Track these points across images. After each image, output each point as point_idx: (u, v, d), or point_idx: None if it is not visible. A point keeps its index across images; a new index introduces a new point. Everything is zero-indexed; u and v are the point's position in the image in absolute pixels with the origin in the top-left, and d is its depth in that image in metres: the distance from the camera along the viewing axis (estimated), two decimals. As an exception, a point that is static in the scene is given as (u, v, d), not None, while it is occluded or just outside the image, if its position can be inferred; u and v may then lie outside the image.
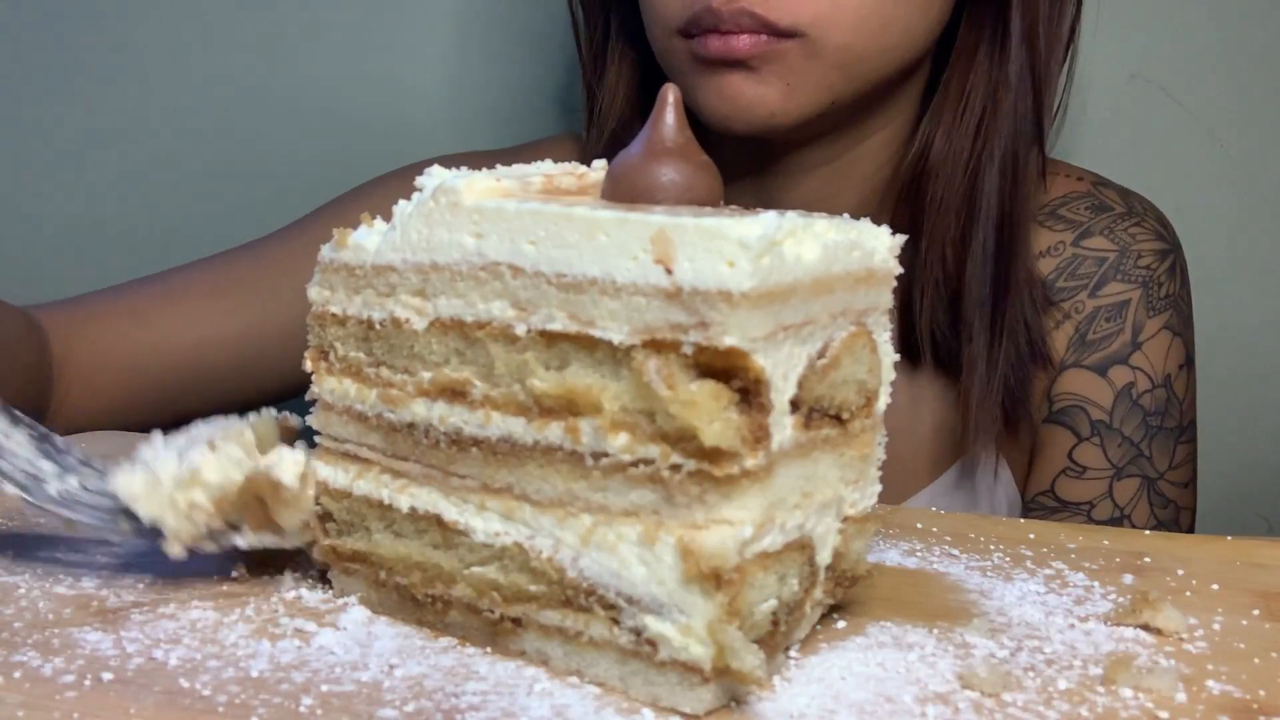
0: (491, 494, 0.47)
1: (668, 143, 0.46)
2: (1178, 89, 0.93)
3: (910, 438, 0.90)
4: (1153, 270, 0.92)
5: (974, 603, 0.53)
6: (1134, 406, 0.90)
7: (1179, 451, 0.91)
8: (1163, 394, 0.90)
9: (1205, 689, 0.44)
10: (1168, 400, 0.91)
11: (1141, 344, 0.91)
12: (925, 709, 0.42)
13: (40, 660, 0.44)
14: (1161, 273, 0.92)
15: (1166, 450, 0.91)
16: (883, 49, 0.80)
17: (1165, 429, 0.90)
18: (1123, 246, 0.92)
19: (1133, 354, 0.90)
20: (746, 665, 0.40)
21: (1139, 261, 0.92)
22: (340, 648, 0.46)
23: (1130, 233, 0.92)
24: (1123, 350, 0.90)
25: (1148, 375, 0.90)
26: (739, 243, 0.39)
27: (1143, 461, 0.90)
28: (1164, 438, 0.90)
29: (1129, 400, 0.90)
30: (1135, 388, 0.90)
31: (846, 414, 0.46)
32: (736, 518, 0.41)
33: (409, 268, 0.48)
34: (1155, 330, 0.91)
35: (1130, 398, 0.90)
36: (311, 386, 0.52)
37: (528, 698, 0.42)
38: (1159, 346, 0.91)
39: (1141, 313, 0.91)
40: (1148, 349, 0.91)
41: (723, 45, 0.77)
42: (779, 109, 0.79)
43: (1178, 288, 0.93)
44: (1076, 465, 0.90)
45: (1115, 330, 0.91)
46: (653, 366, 0.41)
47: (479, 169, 0.49)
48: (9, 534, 0.58)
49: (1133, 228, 0.93)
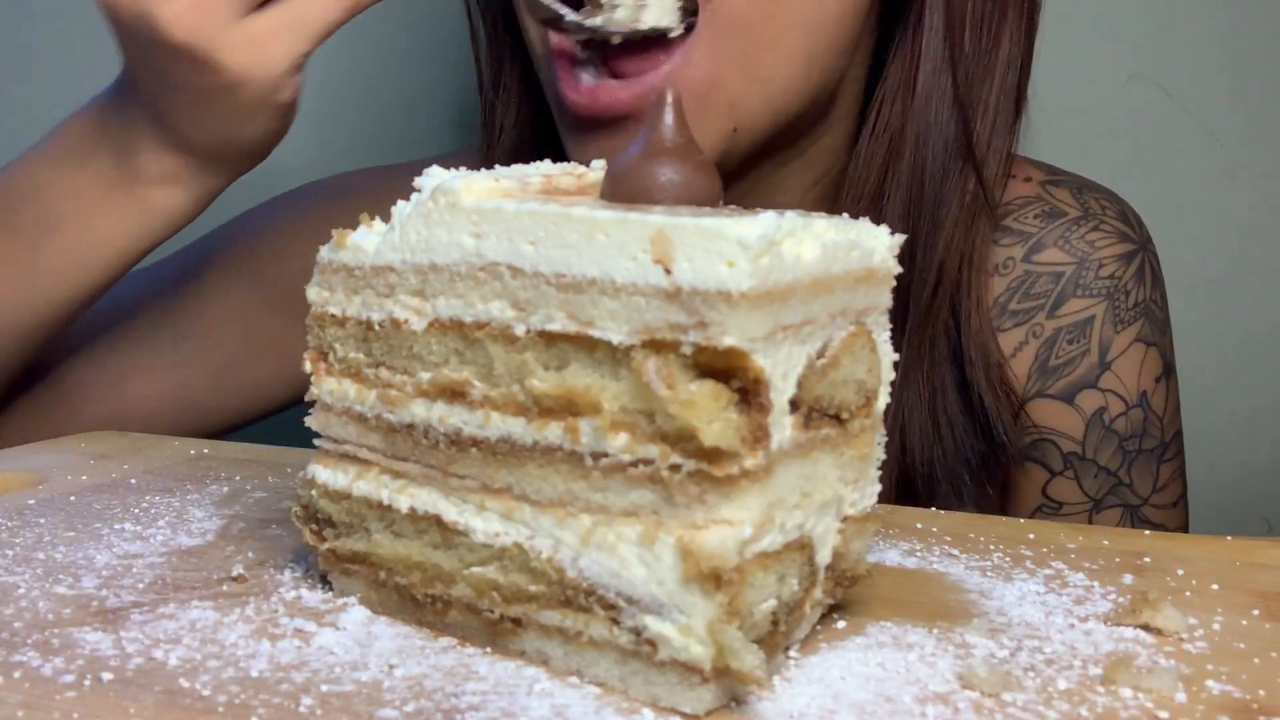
0: (491, 494, 0.47)
1: (667, 143, 0.46)
2: (1178, 89, 0.93)
3: None
4: (1117, 279, 0.83)
5: (974, 603, 0.53)
6: (1108, 433, 0.83)
7: (1163, 471, 0.84)
8: (1139, 414, 0.83)
9: (1205, 689, 0.44)
10: (1145, 419, 0.83)
11: (1110, 363, 0.83)
12: (925, 709, 0.42)
13: (40, 660, 0.44)
14: (1128, 279, 0.84)
15: (1148, 473, 0.84)
16: (788, 30, 0.74)
17: (1145, 451, 0.83)
18: (1080, 257, 0.83)
19: (1102, 375, 0.83)
20: (746, 665, 0.40)
21: (1100, 271, 0.83)
22: (340, 648, 0.46)
23: (1088, 240, 0.84)
24: (1090, 373, 0.83)
25: (1120, 397, 0.83)
26: (738, 243, 0.39)
27: (1123, 490, 0.83)
28: (1144, 460, 0.84)
29: (1101, 427, 0.83)
30: (1107, 412, 0.83)
31: (846, 414, 0.46)
32: (736, 518, 0.41)
33: (408, 268, 0.48)
34: (1125, 345, 0.83)
35: (1103, 424, 0.83)
36: (310, 388, 0.52)
37: (528, 698, 0.42)
38: (1131, 362, 0.83)
39: (1108, 328, 0.83)
40: (1118, 367, 0.83)
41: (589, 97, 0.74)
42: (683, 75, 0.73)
43: (1148, 292, 0.85)
44: (1052, 501, 0.84)
45: (1080, 352, 0.83)
46: (652, 366, 0.41)
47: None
48: (9, 534, 0.58)
49: (1090, 234, 0.84)
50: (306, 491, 0.52)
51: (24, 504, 0.63)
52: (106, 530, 0.59)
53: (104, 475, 0.69)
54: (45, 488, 0.66)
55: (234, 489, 0.67)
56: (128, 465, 0.72)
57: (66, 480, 0.68)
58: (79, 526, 0.59)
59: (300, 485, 0.52)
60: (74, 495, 0.65)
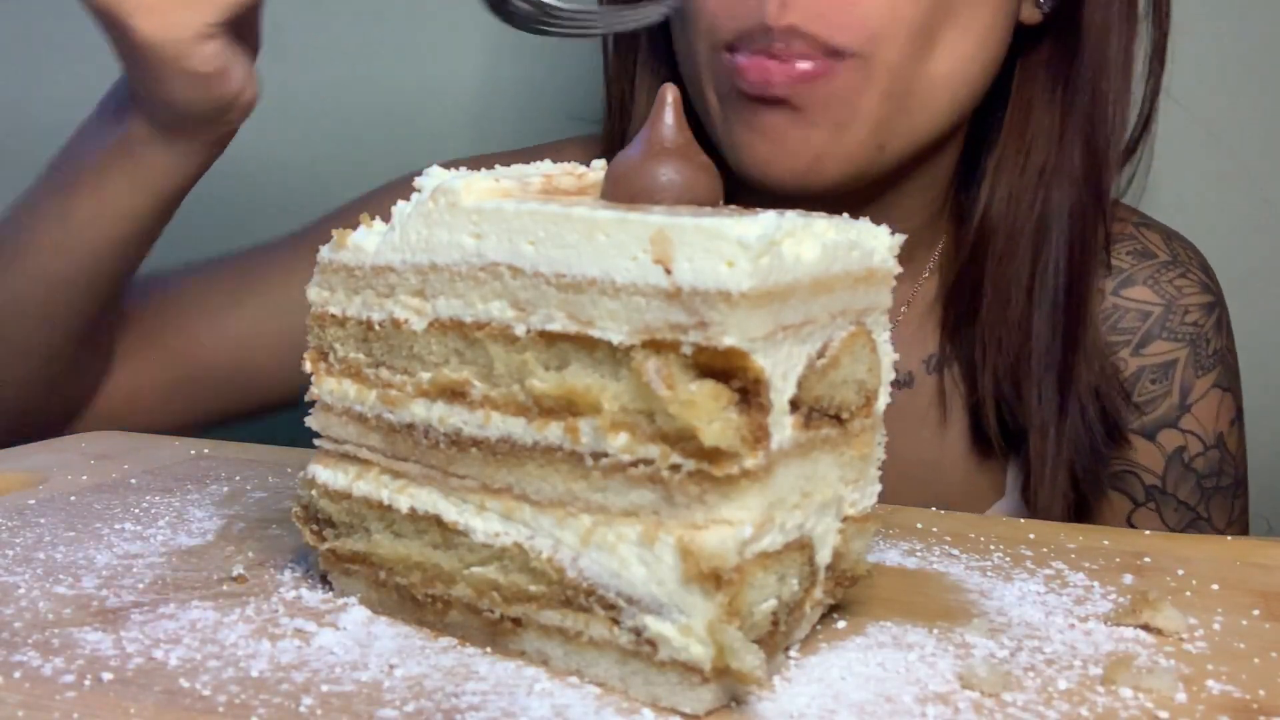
0: (491, 494, 0.47)
1: (667, 143, 0.46)
2: (1178, 89, 0.93)
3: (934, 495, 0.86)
4: (1200, 326, 0.87)
5: (974, 603, 0.53)
6: (1187, 470, 0.86)
7: (1236, 506, 0.88)
8: (1216, 455, 0.87)
9: (1205, 689, 0.44)
10: (1221, 459, 0.87)
11: (1191, 406, 0.86)
12: (925, 709, 0.42)
13: (40, 660, 0.44)
14: (1209, 328, 0.87)
15: (1225, 509, 0.88)
16: (935, 78, 0.75)
17: (1221, 489, 0.87)
18: (1168, 300, 0.87)
19: (1182, 417, 0.86)
20: (746, 665, 0.40)
21: (1186, 318, 0.87)
22: (340, 648, 0.46)
23: (1176, 285, 0.87)
24: (1171, 414, 0.86)
25: (1199, 438, 0.86)
26: (738, 243, 0.39)
27: (1202, 524, 0.86)
28: (1221, 497, 0.87)
29: (1181, 464, 0.86)
30: (1187, 451, 0.86)
31: (846, 414, 0.46)
32: (736, 518, 0.41)
33: (408, 268, 0.48)
34: (1205, 390, 0.87)
35: (1182, 462, 0.86)
36: (311, 387, 0.52)
37: (528, 698, 0.42)
38: (1209, 406, 0.87)
39: (1189, 373, 0.86)
40: (1198, 410, 0.86)
41: (764, 76, 0.72)
42: (825, 151, 0.74)
43: (1225, 341, 0.89)
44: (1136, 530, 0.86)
45: (1162, 392, 0.86)
46: (652, 366, 0.41)
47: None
48: (9, 534, 0.58)
49: (1178, 279, 0.87)
50: (306, 491, 0.52)
51: (24, 504, 0.63)
52: (107, 530, 0.59)
53: (104, 475, 0.69)
54: (45, 488, 0.66)
55: (234, 489, 0.67)
56: (128, 465, 0.72)
57: (66, 480, 0.68)
58: (79, 526, 0.59)
59: (300, 485, 0.52)
60: (74, 495, 0.65)
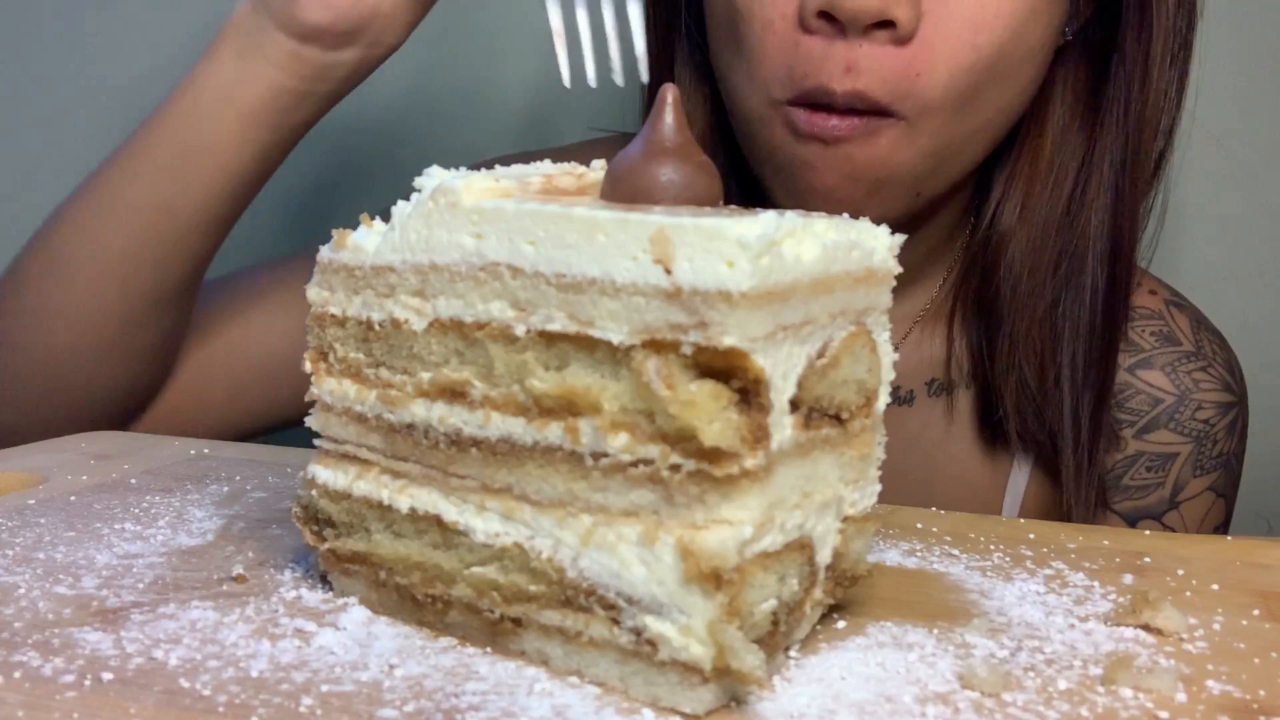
0: (491, 494, 0.47)
1: (666, 143, 0.46)
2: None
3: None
4: (1210, 425, 0.84)
5: (974, 603, 0.53)
6: None
7: None
8: None
9: (1205, 689, 0.44)
10: None
11: (1180, 504, 0.83)
12: (925, 709, 0.42)
13: (40, 660, 0.44)
14: (1220, 429, 0.84)
15: None
16: (976, 128, 0.74)
17: None
18: (1182, 392, 0.83)
19: (1167, 513, 0.84)
20: (746, 665, 0.40)
21: (1198, 414, 0.83)
22: (340, 648, 0.46)
23: (1194, 378, 0.84)
24: (1158, 506, 0.83)
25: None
26: (738, 243, 0.39)
27: None
28: None
29: None
30: None
31: (846, 414, 0.46)
32: (736, 518, 0.41)
33: (408, 268, 0.48)
34: (1198, 491, 0.84)
35: None
36: (311, 388, 0.52)
37: (528, 698, 0.42)
38: (1198, 508, 0.84)
39: (1187, 470, 0.83)
40: (1185, 509, 0.84)
41: (825, 126, 0.71)
42: (864, 206, 0.72)
43: (1234, 445, 0.85)
44: None
45: (1155, 482, 0.83)
46: (652, 366, 0.41)
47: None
48: (9, 534, 0.58)
49: (1197, 372, 0.84)
50: (306, 491, 0.52)
51: (24, 504, 0.63)
52: (107, 530, 0.59)
53: (104, 475, 0.69)
54: (45, 488, 0.66)
55: (234, 489, 0.67)
56: (128, 465, 0.72)
57: (66, 480, 0.68)
58: (79, 526, 0.59)
59: (300, 485, 0.52)
60: (74, 495, 0.65)
